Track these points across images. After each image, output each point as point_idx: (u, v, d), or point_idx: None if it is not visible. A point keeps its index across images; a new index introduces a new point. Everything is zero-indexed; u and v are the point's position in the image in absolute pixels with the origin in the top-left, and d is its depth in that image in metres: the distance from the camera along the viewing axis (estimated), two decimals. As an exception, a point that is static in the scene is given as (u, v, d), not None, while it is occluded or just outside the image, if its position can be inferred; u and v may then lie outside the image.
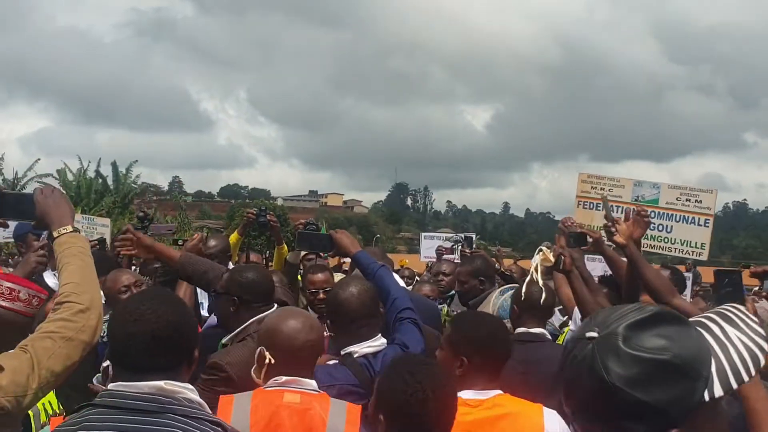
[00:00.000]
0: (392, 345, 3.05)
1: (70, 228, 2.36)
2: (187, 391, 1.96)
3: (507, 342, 2.84)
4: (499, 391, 2.69)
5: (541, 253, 3.77)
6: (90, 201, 38.50)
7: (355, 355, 2.97)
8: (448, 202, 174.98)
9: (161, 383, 1.91)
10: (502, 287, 4.46)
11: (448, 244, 9.32)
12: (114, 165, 43.34)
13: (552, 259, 3.75)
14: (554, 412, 2.66)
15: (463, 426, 2.44)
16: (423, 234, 13.80)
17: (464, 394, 2.58)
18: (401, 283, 5.16)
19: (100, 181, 42.09)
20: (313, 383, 2.57)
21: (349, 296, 3.05)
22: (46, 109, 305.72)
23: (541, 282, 3.66)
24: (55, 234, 2.35)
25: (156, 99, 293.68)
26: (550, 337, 3.66)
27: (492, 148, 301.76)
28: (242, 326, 3.20)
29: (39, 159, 52.28)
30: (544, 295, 3.57)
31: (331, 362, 3.01)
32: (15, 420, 1.95)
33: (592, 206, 7.66)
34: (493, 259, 7.91)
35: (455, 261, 9.33)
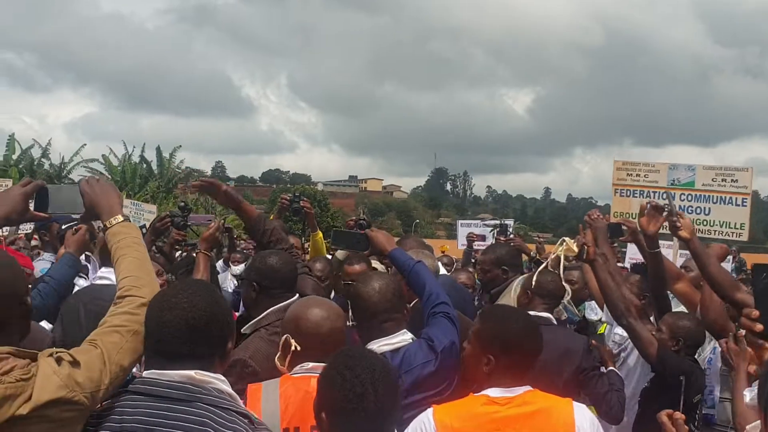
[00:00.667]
0: (419, 340, 3.02)
1: (120, 218, 2.36)
2: (219, 381, 1.99)
3: (536, 339, 2.74)
4: (529, 387, 2.63)
5: (564, 244, 3.80)
6: (135, 186, 39.19)
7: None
8: (488, 187, 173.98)
9: (192, 372, 1.96)
10: (524, 275, 4.51)
11: (479, 230, 9.37)
12: (158, 150, 43.99)
13: (575, 249, 3.77)
14: (583, 405, 2.66)
15: (493, 424, 2.48)
16: (459, 221, 13.76)
17: (492, 392, 2.57)
18: (442, 270, 5.19)
19: (145, 166, 42.76)
20: None
21: (370, 290, 3.03)
22: (91, 95, 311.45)
23: (561, 271, 3.74)
24: (107, 224, 2.37)
25: (199, 84, 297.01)
26: (555, 321, 3.74)
27: (533, 133, 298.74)
28: (261, 315, 3.22)
29: (85, 144, 53.53)
30: (570, 286, 3.66)
31: None
32: (85, 414, 1.95)
33: (628, 194, 7.66)
34: (531, 246, 7.90)
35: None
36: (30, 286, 2.51)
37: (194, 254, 4.40)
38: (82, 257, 4.41)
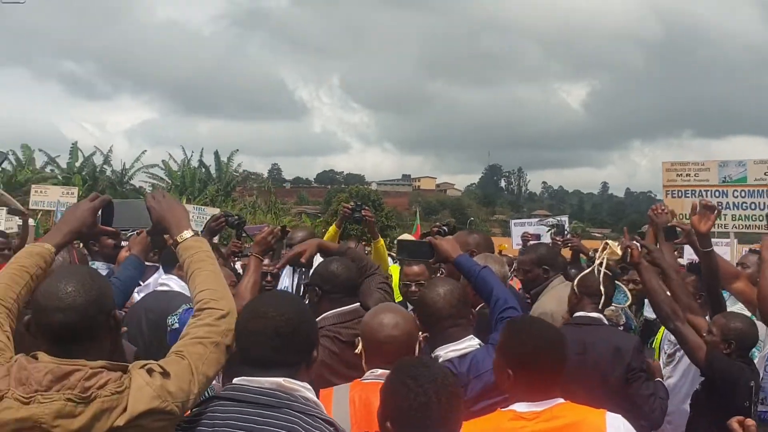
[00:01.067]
0: (486, 345, 3.01)
1: (191, 232, 2.42)
2: (305, 389, 2.06)
3: (558, 353, 2.58)
4: (559, 400, 2.51)
5: (607, 247, 3.75)
6: (194, 190, 40.06)
7: (440, 360, 2.93)
8: (544, 183, 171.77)
9: (280, 380, 2.02)
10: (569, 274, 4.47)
11: (533, 229, 9.29)
12: (216, 154, 44.90)
13: (619, 252, 3.72)
14: (618, 416, 2.52)
15: None
16: (513, 221, 13.47)
17: (519, 407, 2.48)
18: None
19: (203, 170, 43.68)
20: None
21: (435, 296, 3.05)
22: (150, 101, 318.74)
23: (600, 274, 3.69)
24: (178, 239, 2.42)
25: (253, 88, 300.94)
26: (606, 322, 3.72)
27: (589, 127, 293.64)
28: (319, 318, 3.20)
29: (145, 150, 54.90)
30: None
31: None
32: (175, 424, 2.01)
33: (680, 194, 7.60)
34: (593, 243, 7.76)
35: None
36: None
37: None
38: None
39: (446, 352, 2.95)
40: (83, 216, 2.46)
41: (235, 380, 2.08)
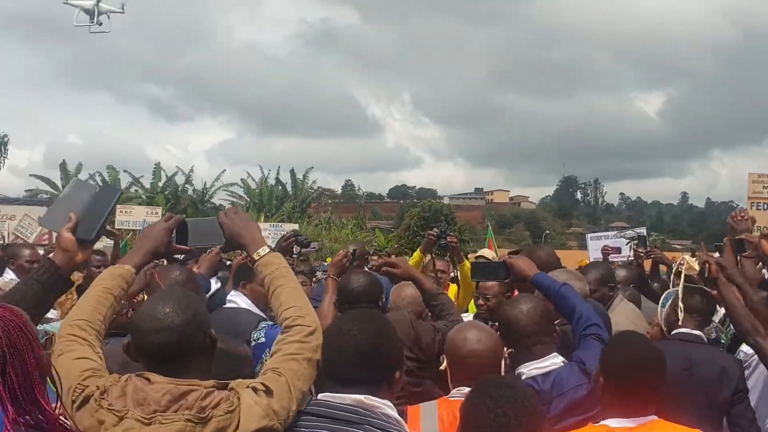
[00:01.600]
0: (570, 363, 2.96)
1: (267, 248, 2.46)
2: (386, 407, 2.11)
3: (657, 370, 2.62)
4: (654, 417, 2.53)
5: (684, 262, 3.70)
6: (272, 207, 41.03)
7: (523, 377, 2.90)
8: (621, 194, 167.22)
9: (362, 397, 2.08)
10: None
11: (612, 242, 9.14)
12: (292, 172, 45.93)
13: (696, 267, 3.64)
14: None
15: None
16: (589, 235, 13.23)
17: (612, 422, 2.52)
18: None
19: (280, 187, 44.70)
20: None
21: (518, 313, 3.00)
22: (228, 122, 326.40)
23: (681, 290, 3.64)
24: (255, 256, 2.45)
25: (327, 107, 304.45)
26: (706, 340, 3.65)
27: (667, 136, 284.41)
28: None
29: (225, 170, 56.44)
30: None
31: None
32: None
33: (765, 207, 7.41)
34: (675, 255, 7.60)
35: (629, 259, 8.87)
36: None
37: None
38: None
39: (529, 369, 2.92)
40: (159, 236, 2.49)
41: (320, 396, 2.15)
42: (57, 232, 2.38)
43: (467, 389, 2.54)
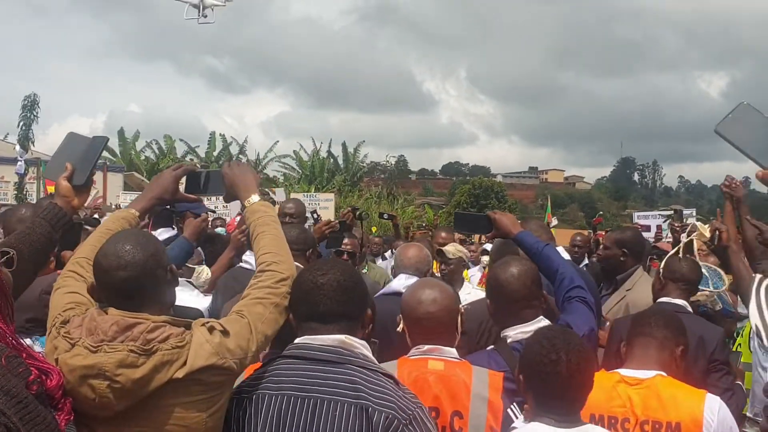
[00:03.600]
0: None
1: (257, 197, 2.50)
2: (363, 347, 2.15)
3: (673, 327, 2.80)
4: (661, 372, 2.65)
5: (696, 230, 3.71)
6: (323, 179, 41.21)
7: (509, 340, 2.88)
8: (680, 177, 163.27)
9: (342, 337, 2.11)
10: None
11: (644, 221, 8.98)
12: (344, 145, 46.01)
13: (707, 234, 3.66)
14: (717, 398, 2.59)
15: (620, 400, 2.58)
16: (636, 213, 13.11)
17: (623, 371, 2.69)
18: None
19: (332, 160, 44.88)
20: (453, 351, 2.63)
21: (509, 277, 2.94)
22: (284, 95, 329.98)
23: (697, 258, 3.65)
24: (245, 204, 2.50)
25: (382, 81, 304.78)
26: (690, 309, 3.63)
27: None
28: None
29: (278, 141, 56.95)
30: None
31: (489, 348, 2.98)
32: (234, 380, 2.12)
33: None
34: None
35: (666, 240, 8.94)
36: None
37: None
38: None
39: (515, 332, 2.88)
40: (165, 183, 2.60)
41: (298, 339, 2.17)
42: (56, 181, 2.54)
43: (427, 347, 2.61)
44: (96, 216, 9.29)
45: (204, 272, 4.64)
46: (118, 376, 1.88)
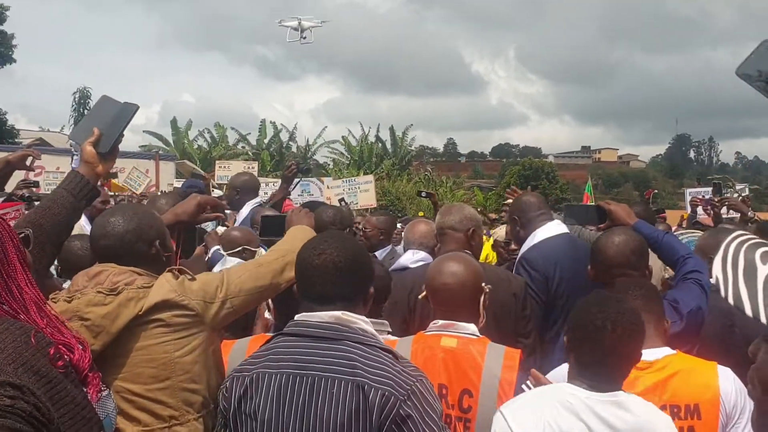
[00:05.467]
0: (663, 300, 2.84)
1: (300, 228, 2.79)
2: (362, 322, 2.12)
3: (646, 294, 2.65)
4: (671, 351, 2.55)
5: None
6: (371, 164, 41.39)
7: None
8: (737, 153, 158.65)
9: (339, 313, 2.09)
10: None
11: (696, 194, 8.79)
12: (391, 129, 46.06)
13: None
14: (728, 369, 2.50)
15: (633, 390, 2.34)
16: (688, 190, 12.77)
17: None
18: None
19: (380, 145, 44.98)
20: (470, 327, 2.59)
21: (609, 243, 3.04)
22: (333, 81, 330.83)
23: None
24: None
25: (430, 64, 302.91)
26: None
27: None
28: None
29: (326, 127, 57.35)
30: None
31: None
32: (204, 327, 2.25)
33: None
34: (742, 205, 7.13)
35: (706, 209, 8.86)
36: None
37: None
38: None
39: None
40: (188, 206, 2.84)
41: (297, 317, 2.16)
42: (81, 145, 2.55)
43: (442, 322, 2.61)
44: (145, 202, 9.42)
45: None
46: (88, 314, 2.12)
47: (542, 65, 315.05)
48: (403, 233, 4.61)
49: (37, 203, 3.50)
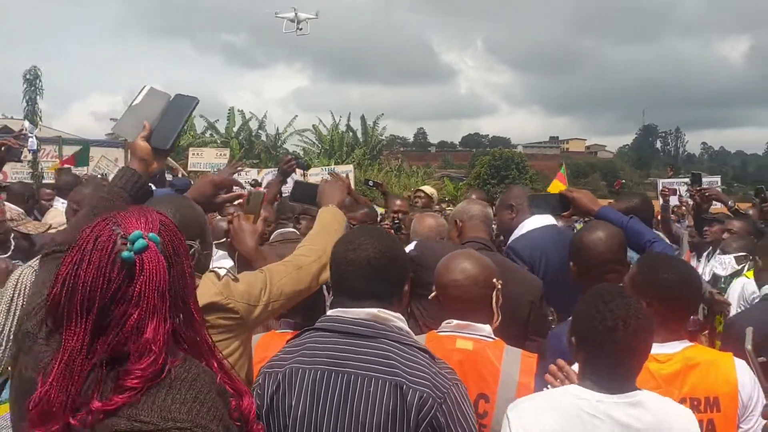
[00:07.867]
0: None
1: (334, 207, 2.77)
2: (398, 320, 2.08)
3: (695, 289, 2.57)
4: (689, 343, 2.47)
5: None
6: (342, 153, 41.19)
7: None
8: (703, 143, 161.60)
9: (375, 310, 2.04)
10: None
11: (669, 185, 9.00)
12: (362, 119, 45.86)
13: None
14: (743, 361, 2.49)
15: (653, 382, 2.34)
16: (659, 180, 12.88)
17: (652, 349, 2.32)
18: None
19: (351, 134, 44.80)
20: (486, 329, 2.51)
21: (595, 239, 2.97)
22: (302, 70, 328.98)
23: None
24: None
25: (400, 54, 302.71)
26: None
27: (754, 83, 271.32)
28: None
29: (297, 116, 56.88)
30: None
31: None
32: (246, 329, 2.18)
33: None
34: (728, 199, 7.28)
35: (683, 201, 9.30)
36: None
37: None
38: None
39: None
40: (202, 188, 2.74)
41: (330, 312, 2.12)
42: (130, 141, 2.33)
43: (456, 322, 2.52)
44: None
45: None
46: None
47: (511, 55, 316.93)
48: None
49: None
